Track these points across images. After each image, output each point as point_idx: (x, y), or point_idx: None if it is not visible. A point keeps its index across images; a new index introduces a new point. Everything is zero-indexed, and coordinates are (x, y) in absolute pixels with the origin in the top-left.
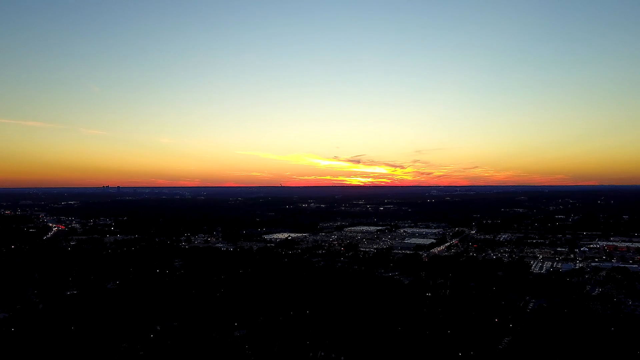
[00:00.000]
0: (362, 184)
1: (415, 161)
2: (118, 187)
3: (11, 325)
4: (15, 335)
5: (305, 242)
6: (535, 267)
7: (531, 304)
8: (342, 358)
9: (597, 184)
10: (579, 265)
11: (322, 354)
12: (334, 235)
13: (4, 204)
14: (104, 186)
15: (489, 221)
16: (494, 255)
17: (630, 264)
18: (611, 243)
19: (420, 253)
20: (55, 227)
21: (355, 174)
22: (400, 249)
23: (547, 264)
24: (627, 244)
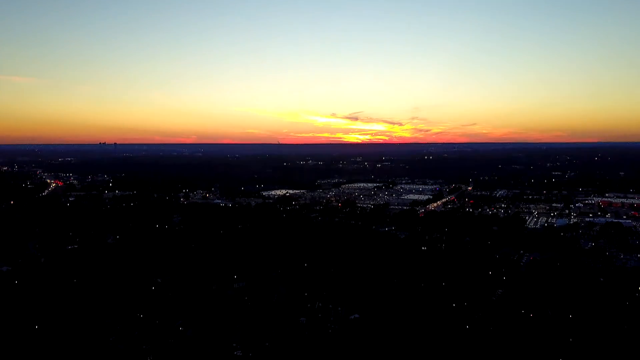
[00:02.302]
0: (360, 141)
1: (413, 118)
2: (115, 144)
3: (14, 278)
4: (18, 288)
5: (303, 198)
6: (530, 222)
7: (525, 258)
8: (339, 309)
9: (595, 141)
10: (573, 220)
11: (320, 304)
12: (332, 192)
13: (1, 160)
14: (100, 143)
15: (486, 178)
16: (489, 211)
17: (624, 219)
18: (606, 199)
19: (417, 209)
20: (53, 183)
21: (353, 131)
22: (397, 205)
23: (542, 220)
24: (622, 200)
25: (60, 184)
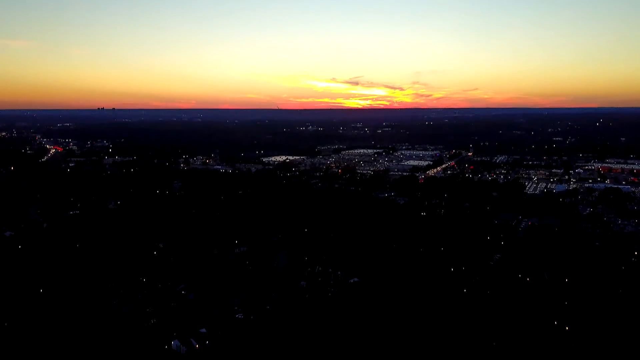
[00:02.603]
0: (360, 106)
1: (414, 83)
2: (113, 109)
3: (18, 243)
4: (22, 253)
5: (303, 164)
6: (529, 188)
7: (523, 224)
8: (339, 272)
9: (597, 106)
10: (572, 186)
11: (320, 269)
12: (332, 158)
13: None
14: (99, 108)
15: (487, 144)
16: (489, 176)
17: (623, 184)
18: (606, 165)
19: (417, 175)
20: (52, 149)
21: (354, 96)
22: (397, 171)
23: (542, 185)
24: (622, 165)
25: (59, 149)
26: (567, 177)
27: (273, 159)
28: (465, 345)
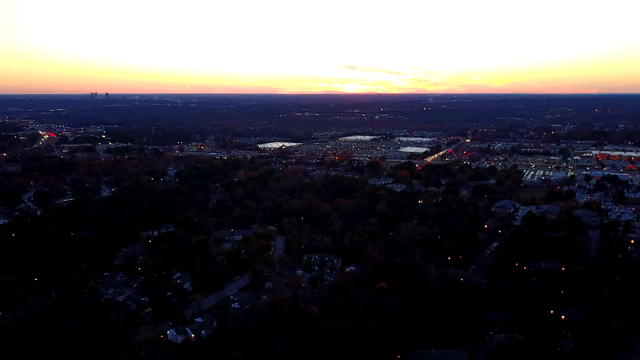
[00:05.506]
0: (358, 92)
1: (412, 67)
2: (106, 93)
3: (11, 231)
4: (16, 242)
5: (300, 151)
6: (527, 175)
7: (520, 211)
8: (336, 261)
9: (597, 92)
10: (570, 173)
11: (317, 257)
12: (329, 144)
13: None
14: (92, 93)
15: (485, 130)
16: (487, 163)
17: (621, 172)
18: (604, 152)
19: (414, 162)
20: (45, 135)
21: (351, 81)
22: (394, 158)
23: (539, 173)
24: (619, 152)
25: (52, 135)
26: (564, 164)
27: (269, 145)
28: (455, 334)
